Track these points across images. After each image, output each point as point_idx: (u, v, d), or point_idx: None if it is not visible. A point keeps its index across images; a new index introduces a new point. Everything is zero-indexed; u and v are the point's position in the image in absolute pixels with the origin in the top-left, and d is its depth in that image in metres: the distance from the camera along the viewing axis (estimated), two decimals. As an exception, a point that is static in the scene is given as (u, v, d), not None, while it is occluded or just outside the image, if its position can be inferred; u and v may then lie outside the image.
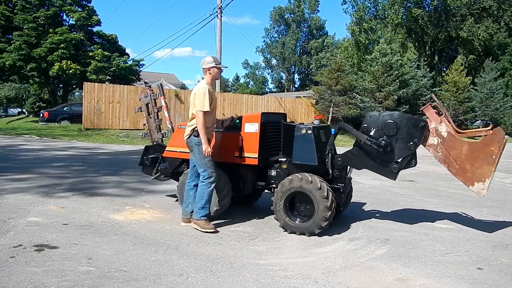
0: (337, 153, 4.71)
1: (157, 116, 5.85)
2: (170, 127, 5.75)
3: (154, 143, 5.74)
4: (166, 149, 5.16)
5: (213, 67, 4.45)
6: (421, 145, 4.38)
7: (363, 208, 5.69)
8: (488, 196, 6.95)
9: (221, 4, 23.57)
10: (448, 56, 36.49)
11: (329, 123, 23.76)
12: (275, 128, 4.95)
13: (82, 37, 25.87)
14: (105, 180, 7.12)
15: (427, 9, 33.08)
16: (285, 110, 24.43)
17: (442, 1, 30.59)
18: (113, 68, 25.84)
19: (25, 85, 38.51)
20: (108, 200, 5.59)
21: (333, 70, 24.51)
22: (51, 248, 3.60)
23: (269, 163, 4.83)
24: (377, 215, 5.36)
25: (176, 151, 5.04)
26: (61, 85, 30.11)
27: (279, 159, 4.89)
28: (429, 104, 4.52)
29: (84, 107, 17.86)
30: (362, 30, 32.19)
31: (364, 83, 24.49)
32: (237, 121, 4.74)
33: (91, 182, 6.89)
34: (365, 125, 4.49)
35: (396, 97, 23.45)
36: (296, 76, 66.20)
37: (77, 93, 43.10)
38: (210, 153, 4.27)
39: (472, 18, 32.20)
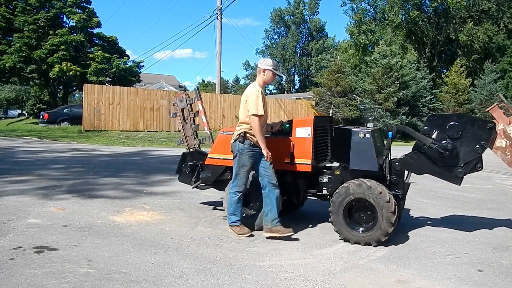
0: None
1: (194, 121, 5.53)
2: (209, 133, 5.48)
3: (191, 149, 5.43)
4: (208, 156, 4.88)
5: (269, 70, 4.22)
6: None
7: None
8: (488, 198, 6.96)
9: (221, 6, 23.61)
10: (448, 58, 36.53)
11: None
12: (323, 132, 4.73)
13: (82, 39, 25.92)
14: (105, 181, 7.12)
15: (426, 11, 33.13)
16: (285, 111, 24.45)
17: (442, 3, 30.65)
18: (113, 69, 25.90)
19: (25, 87, 38.59)
20: (108, 202, 5.59)
21: (333, 71, 24.54)
22: (50, 250, 3.60)
23: (319, 169, 4.60)
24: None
25: (219, 158, 4.75)
26: (61, 87, 30.16)
27: (327, 165, 4.67)
28: (496, 104, 4.30)
29: (84, 108, 17.89)
30: (361, 31, 32.24)
31: (364, 85, 24.51)
32: (287, 125, 4.45)
33: (91, 183, 6.88)
34: (426, 127, 4.25)
35: (396, 99, 23.47)
36: (296, 77, 66.34)
37: (77, 95, 43.15)
38: (271, 158, 4.10)
39: (472, 21, 32.24)
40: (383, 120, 22.67)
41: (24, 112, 45.48)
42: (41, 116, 23.02)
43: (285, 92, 60.45)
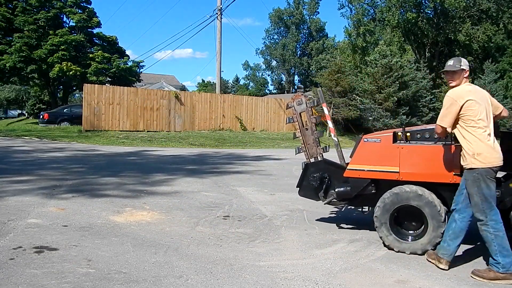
0: None
1: (315, 127, 4.85)
2: (336, 140, 4.89)
3: (312, 159, 4.74)
4: (348, 167, 4.27)
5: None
6: None
7: (363, 209, 5.67)
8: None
9: (221, 6, 23.61)
10: (447, 58, 36.55)
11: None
12: None
13: (82, 39, 25.91)
14: (104, 181, 7.12)
15: (426, 12, 33.11)
16: (285, 111, 24.45)
17: (441, 3, 30.63)
18: (113, 69, 25.90)
19: (25, 87, 38.56)
20: (108, 202, 5.59)
21: (333, 71, 24.54)
22: (50, 250, 3.60)
23: None
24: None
25: (363, 170, 4.13)
26: (61, 87, 30.16)
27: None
28: None
29: (84, 108, 17.87)
30: (360, 33, 32.20)
31: (364, 85, 24.50)
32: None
33: (91, 183, 6.88)
34: None
35: (396, 99, 23.46)
36: (296, 77, 66.39)
37: (77, 95, 43.15)
38: None
39: (471, 21, 32.23)
40: (383, 120, 22.67)
41: (24, 112, 45.47)
42: (41, 116, 23.01)
43: (285, 92, 60.45)
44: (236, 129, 21.85)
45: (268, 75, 69.45)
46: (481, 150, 3.33)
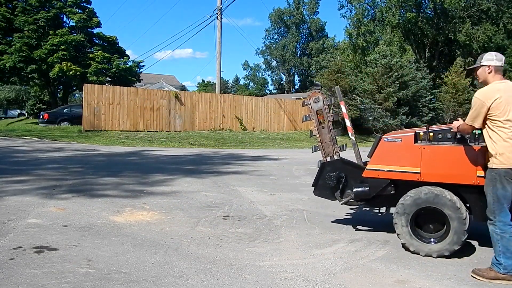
0: None
1: (332, 125, 4.72)
2: (354, 139, 4.79)
3: (329, 158, 4.60)
4: (367, 167, 4.18)
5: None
6: None
7: (363, 209, 5.68)
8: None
9: (221, 6, 23.62)
10: (447, 58, 36.55)
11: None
12: None
13: (82, 39, 25.93)
14: (104, 181, 7.12)
15: (426, 12, 33.13)
16: (285, 111, 24.46)
17: (441, 4, 30.65)
18: (113, 69, 25.91)
19: (25, 86, 38.59)
20: (108, 202, 5.59)
21: (333, 71, 24.55)
22: (50, 250, 3.60)
23: None
24: (377, 216, 5.34)
25: (383, 170, 4.05)
26: (61, 87, 30.18)
27: None
28: None
29: (84, 108, 17.88)
30: (360, 33, 32.21)
31: (364, 85, 24.51)
32: (479, 131, 3.59)
33: (91, 183, 6.88)
34: None
35: (396, 99, 23.47)
36: (296, 77, 66.45)
37: (77, 95, 43.17)
38: None
39: (471, 21, 32.23)
40: (383, 120, 22.66)
41: (24, 112, 45.50)
42: (41, 116, 23.02)
43: (285, 92, 60.48)
44: (236, 129, 21.85)
45: (268, 75, 69.56)
46: (503, 150, 3.25)
